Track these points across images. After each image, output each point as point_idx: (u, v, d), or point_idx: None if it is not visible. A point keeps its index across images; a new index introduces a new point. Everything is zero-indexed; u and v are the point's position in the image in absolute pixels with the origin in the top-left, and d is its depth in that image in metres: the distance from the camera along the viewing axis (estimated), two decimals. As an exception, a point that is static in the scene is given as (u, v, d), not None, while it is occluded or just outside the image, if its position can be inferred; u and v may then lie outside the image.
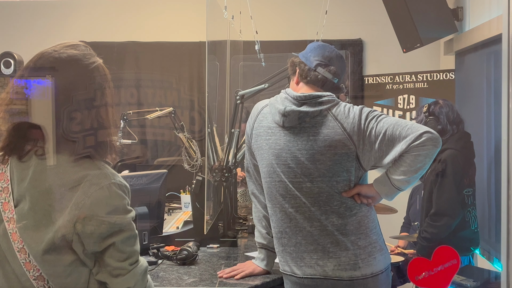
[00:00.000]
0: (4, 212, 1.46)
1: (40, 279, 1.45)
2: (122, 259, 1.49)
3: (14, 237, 1.45)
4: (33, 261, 1.44)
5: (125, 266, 1.49)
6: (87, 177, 1.44)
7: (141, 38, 5.09)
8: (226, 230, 2.96)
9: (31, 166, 1.46)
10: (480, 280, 2.94)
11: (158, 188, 2.92)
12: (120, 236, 1.48)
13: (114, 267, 1.48)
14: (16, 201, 1.46)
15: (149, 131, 5.17)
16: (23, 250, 1.44)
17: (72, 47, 1.51)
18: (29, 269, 1.45)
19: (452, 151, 3.14)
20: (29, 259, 1.44)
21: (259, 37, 3.63)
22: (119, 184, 1.48)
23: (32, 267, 1.45)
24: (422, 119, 3.28)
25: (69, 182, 1.44)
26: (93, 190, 1.44)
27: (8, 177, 1.48)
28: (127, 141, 3.73)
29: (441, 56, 4.73)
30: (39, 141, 1.47)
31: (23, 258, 1.44)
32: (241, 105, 2.97)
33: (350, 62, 4.92)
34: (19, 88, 1.48)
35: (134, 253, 1.52)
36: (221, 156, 3.13)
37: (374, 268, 2.14)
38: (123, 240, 1.48)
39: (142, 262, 1.55)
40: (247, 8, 3.68)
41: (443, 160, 3.12)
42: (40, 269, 1.45)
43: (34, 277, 1.45)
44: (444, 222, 3.10)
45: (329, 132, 2.12)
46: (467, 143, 3.23)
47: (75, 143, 1.46)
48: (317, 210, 2.14)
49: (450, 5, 4.12)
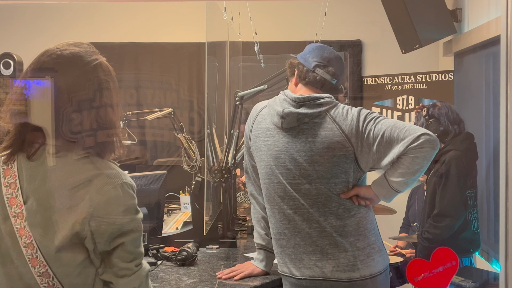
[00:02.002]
0: (11, 207, 1.46)
1: (45, 276, 1.45)
2: (129, 260, 1.49)
3: (21, 232, 1.44)
4: (40, 257, 1.44)
5: (131, 267, 1.50)
6: (99, 176, 1.45)
7: (141, 39, 5.09)
8: (225, 231, 2.96)
9: (42, 164, 1.47)
10: (479, 281, 2.94)
11: (157, 189, 2.93)
12: (130, 237, 1.48)
13: (121, 267, 1.49)
14: (25, 197, 1.46)
15: (148, 132, 5.17)
16: (31, 245, 1.44)
17: (74, 45, 1.52)
18: (35, 265, 1.44)
19: (457, 152, 3.12)
20: (36, 255, 1.44)
21: (259, 38, 3.63)
22: (130, 184, 1.50)
23: (39, 263, 1.44)
24: (423, 123, 3.27)
25: (80, 180, 1.45)
26: (107, 188, 1.44)
27: (15, 173, 1.48)
28: (127, 142, 3.74)
29: (440, 57, 4.74)
30: (48, 139, 1.47)
31: (29, 254, 1.44)
32: (240, 106, 2.97)
33: (349, 63, 4.92)
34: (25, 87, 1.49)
35: (140, 255, 1.53)
36: (221, 157, 3.14)
37: (372, 269, 2.14)
38: (132, 240, 1.49)
39: (146, 264, 1.56)
40: (246, 9, 3.68)
41: (447, 162, 3.10)
42: (49, 266, 1.45)
43: (39, 273, 1.45)
44: (446, 223, 3.09)
45: (327, 134, 2.12)
46: (471, 144, 3.21)
47: (82, 141, 1.47)
48: (315, 211, 2.14)
49: (449, 6, 4.13)
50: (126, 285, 1.49)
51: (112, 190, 1.45)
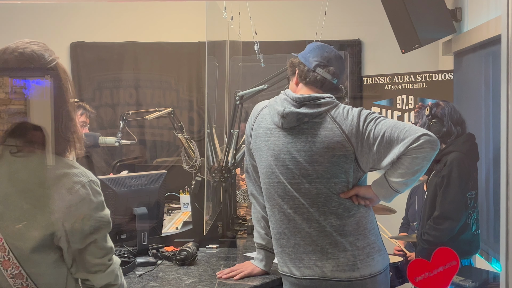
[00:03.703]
0: None
1: (19, 277, 1.45)
2: (102, 255, 1.52)
3: None
4: (13, 258, 1.44)
5: (104, 262, 1.53)
6: (66, 175, 1.47)
7: (140, 39, 5.09)
8: (225, 230, 2.96)
9: (5, 165, 1.46)
10: (479, 281, 2.94)
11: (157, 188, 2.92)
12: (101, 233, 1.52)
13: (94, 263, 1.51)
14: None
15: (148, 131, 5.18)
16: (2, 247, 1.43)
17: (33, 43, 1.54)
18: (7, 267, 1.44)
19: (459, 154, 3.08)
20: (9, 257, 1.44)
21: (258, 38, 3.63)
22: (96, 181, 1.53)
23: (11, 265, 1.44)
24: (425, 122, 3.22)
25: (47, 180, 1.46)
26: (77, 187, 1.46)
27: None
28: (126, 141, 3.74)
29: (440, 56, 4.74)
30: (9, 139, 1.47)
31: (1, 256, 1.44)
32: (240, 106, 2.97)
33: (349, 63, 4.92)
34: None
35: (111, 249, 1.56)
36: (220, 156, 3.14)
37: (372, 269, 2.14)
38: (103, 236, 1.52)
39: (116, 258, 1.59)
40: (246, 9, 3.69)
41: (449, 163, 3.06)
42: (21, 267, 1.44)
43: (12, 275, 1.45)
44: (447, 226, 3.06)
45: (327, 134, 2.12)
46: (473, 145, 3.17)
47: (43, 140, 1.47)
48: (315, 211, 2.15)
49: (448, 6, 4.13)
50: (102, 279, 1.53)
51: (82, 189, 1.47)
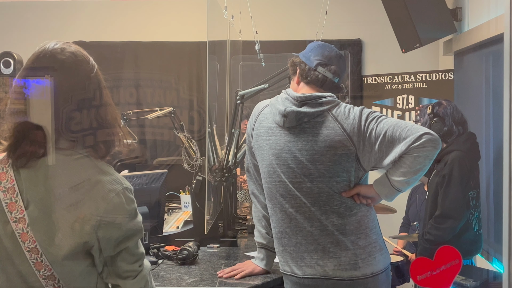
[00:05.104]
0: (11, 212, 1.44)
1: (51, 278, 1.45)
2: (133, 262, 1.52)
3: (24, 237, 1.43)
4: (45, 261, 1.44)
5: (135, 268, 1.52)
6: (101, 182, 1.46)
7: (141, 38, 5.09)
8: (226, 230, 2.96)
9: (41, 169, 1.45)
10: (480, 280, 2.94)
11: (158, 188, 2.93)
12: (133, 240, 1.51)
13: (125, 269, 1.51)
14: (26, 202, 1.45)
15: (148, 131, 5.17)
16: (35, 249, 1.43)
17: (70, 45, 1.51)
18: (40, 269, 1.45)
19: (459, 152, 3.08)
20: (41, 259, 1.44)
21: (259, 37, 3.63)
22: (130, 189, 1.51)
23: (44, 267, 1.44)
24: (427, 121, 3.21)
25: (82, 185, 1.45)
26: (111, 195, 1.45)
27: (12, 177, 1.46)
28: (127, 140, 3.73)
29: (440, 56, 4.74)
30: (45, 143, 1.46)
31: (33, 258, 1.44)
32: (241, 105, 2.97)
33: (349, 62, 4.92)
34: (19, 88, 1.48)
35: (142, 255, 1.55)
36: (221, 156, 3.14)
37: (374, 268, 2.14)
38: (134, 243, 1.52)
39: (147, 263, 1.58)
40: (247, 8, 3.68)
41: (450, 162, 3.06)
42: (54, 270, 1.45)
43: (45, 276, 1.45)
44: (449, 225, 3.05)
45: (329, 133, 2.12)
46: (474, 144, 3.17)
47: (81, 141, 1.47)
48: (317, 210, 2.15)
49: (449, 6, 4.13)
50: (132, 285, 1.52)
51: (116, 197, 1.46)
